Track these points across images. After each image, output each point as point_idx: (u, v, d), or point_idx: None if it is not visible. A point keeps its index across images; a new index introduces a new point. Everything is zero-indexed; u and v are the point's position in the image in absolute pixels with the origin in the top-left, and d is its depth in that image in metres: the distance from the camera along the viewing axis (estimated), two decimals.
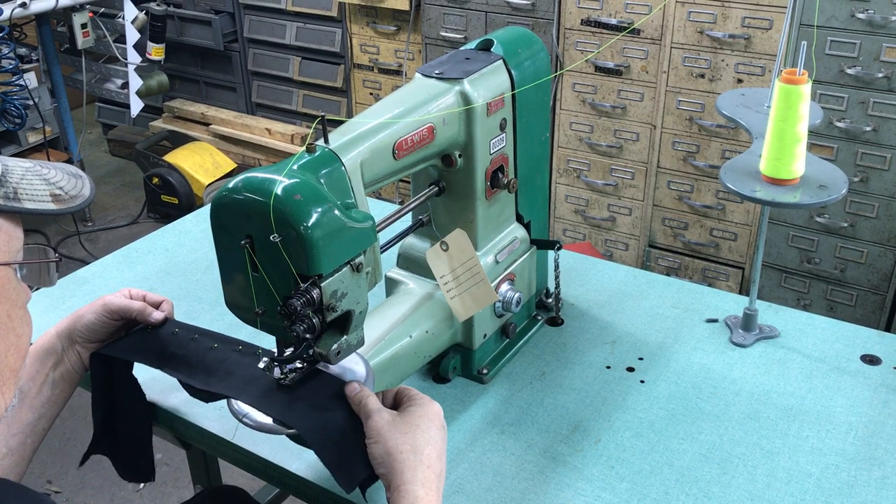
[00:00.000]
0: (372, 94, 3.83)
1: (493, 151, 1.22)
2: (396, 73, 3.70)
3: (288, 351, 1.03)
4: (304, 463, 1.13)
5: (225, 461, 1.26)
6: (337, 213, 0.92)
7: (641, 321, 1.43)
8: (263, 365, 1.03)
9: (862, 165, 2.63)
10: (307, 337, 0.93)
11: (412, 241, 1.30)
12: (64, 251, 3.74)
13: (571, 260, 1.61)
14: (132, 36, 3.79)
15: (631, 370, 1.32)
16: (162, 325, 1.17)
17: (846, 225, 2.72)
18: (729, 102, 1.48)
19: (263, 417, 1.02)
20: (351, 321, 0.98)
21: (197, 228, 1.79)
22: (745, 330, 1.38)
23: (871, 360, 1.32)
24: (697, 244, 3.08)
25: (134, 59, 3.86)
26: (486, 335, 1.29)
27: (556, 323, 1.43)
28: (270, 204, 0.88)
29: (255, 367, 1.05)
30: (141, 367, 1.15)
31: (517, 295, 1.29)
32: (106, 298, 1.17)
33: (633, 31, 2.91)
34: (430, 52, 3.46)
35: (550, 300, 1.45)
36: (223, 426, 1.20)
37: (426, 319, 1.22)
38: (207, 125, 4.38)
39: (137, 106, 3.98)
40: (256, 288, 0.94)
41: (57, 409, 1.14)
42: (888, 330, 2.67)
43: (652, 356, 1.35)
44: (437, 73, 1.18)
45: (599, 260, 1.63)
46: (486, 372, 1.30)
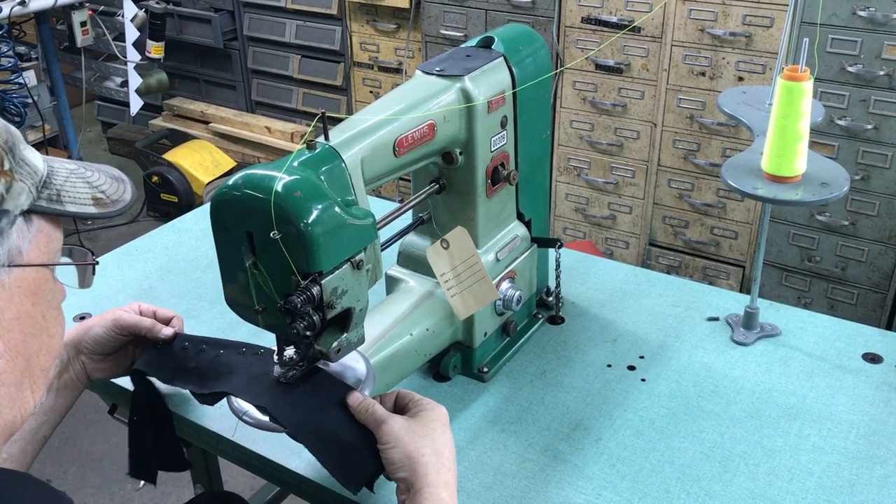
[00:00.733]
0: (372, 92, 3.83)
1: (493, 149, 1.22)
2: (396, 71, 3.70)
3: (289, 350, 1.02)
4: (303, 461, 1.13)
5: (225, 459, 1.26)
6: (337, 209, 0.92)
7: (642, 319, 1.43)
8: (278, 373, 1.02)
9: (863, 163, 2.62)
10: (307, 334, 0.93)
11: (413, 238, 1.30)
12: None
13: (572, 258, 1.60)
14: (132, 34, 3.78)
15: (632, 369, 1.31)
16: (172, 340, 1.17)
17: (847, 223, 2.72)
18: (730, 100, 1.48)
19: (263, 415, 1.02)
20: (351, 319, 0.98)
21: (197, 227, 1.79)
22: (746, 328, 1.38)
23: (872, 358, 1.32)
24: (698, 242, 3.08)
25: (133, 57, 3.85)
26: (486, 333, 1.29)
27: (556, 321, 1.43)
28: (271, 201, 0.87)
29: (255, 365, 1.05)
30: None
31: (518, 293, 1.29)
32: (116, 313, 1.16)
33: (633, 28, 2.91)
34: (430, 49, 3.46)
35: (551, 298, 1.44)
36: (223, 424, 1.19)
37: (427, 317, 1.21)
38: (207, 123, 4.38)
39: (137, 104, 3.98)
40: (256, 285, 0.94)
41: (59, 416, 1.14)
42: (889, 328, 2.67)
43: (653, 354, 1.34)
44: (437, 70, 1.18)
45: (600, 258, 1.63)
46: (486, 370, 1.29)
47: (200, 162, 4.02)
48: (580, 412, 1.22)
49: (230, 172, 4.03)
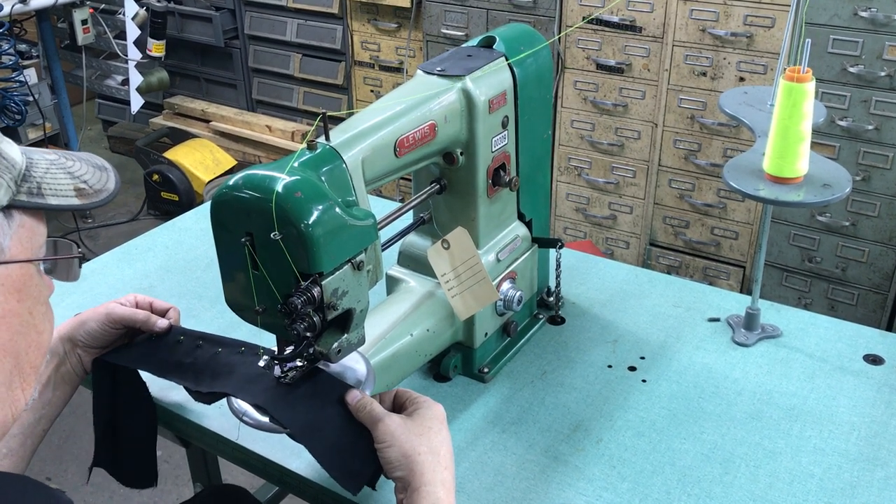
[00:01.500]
0: (373, 91, 3.83)
1: (494, 149, 1.21)
2: (397, 70, 3.70)
3: (288, 349, 1.02)
4: (303, 461, 1.12)
5: (224, 459, 1.26)
6: (338, 210, 0.91)
7: (643, 320, 1.43)
8: (264, 363, 1.02)
9: (864, 164, 2.62)
10: (308, 335, 0.93)
11: (413, 239, 1.30)
12: None
13: (572, 258, 1.60)
14: (132, 32, 3.78)
15: (633, 369, 1.31)
16: (167, 333, 1.16)
17: (848, 224, 2.72)
18: (732, 101, 1.48)
19: (263, 416, 1.01)
20: (352, 319, 0.98)
21: (197, 226, 1.78)
22: (747, 329, 1.38)
23: (873, 359, 1.31)
24: (698, 243, 3.08)
25: (134, 55, 3.85)
26: (487, 334, 1.28)
27: (557, 322, 1.43)
28: (272, 201, 0.87)
29: (255, 365, 1.04)
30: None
31: (518, 293, 1.29)
32: (110, 306, 1.15)
33: (634, 28, 2.90)
34: (431, 49, 3.45)
35: (552, 299, 1.44)
36: (223, 424, 1.19)
37: (427, 318, 1.21)
38: (208, 122, 4.37)
39: (137, 102, 3.97)
40: (257, 286, 0.94)
41: (57, 410, 1.13)
42: (889, 329, 2.67)
43: (654, 355, 1.34)
44: (438, 70, 1.18)
45: (601, 258, 1.62)
46: (487, 371, 1.29)
47: (201, 160, 4.02)
48: (581, 413, 1.22)
49: (231, 171, 4.04)
